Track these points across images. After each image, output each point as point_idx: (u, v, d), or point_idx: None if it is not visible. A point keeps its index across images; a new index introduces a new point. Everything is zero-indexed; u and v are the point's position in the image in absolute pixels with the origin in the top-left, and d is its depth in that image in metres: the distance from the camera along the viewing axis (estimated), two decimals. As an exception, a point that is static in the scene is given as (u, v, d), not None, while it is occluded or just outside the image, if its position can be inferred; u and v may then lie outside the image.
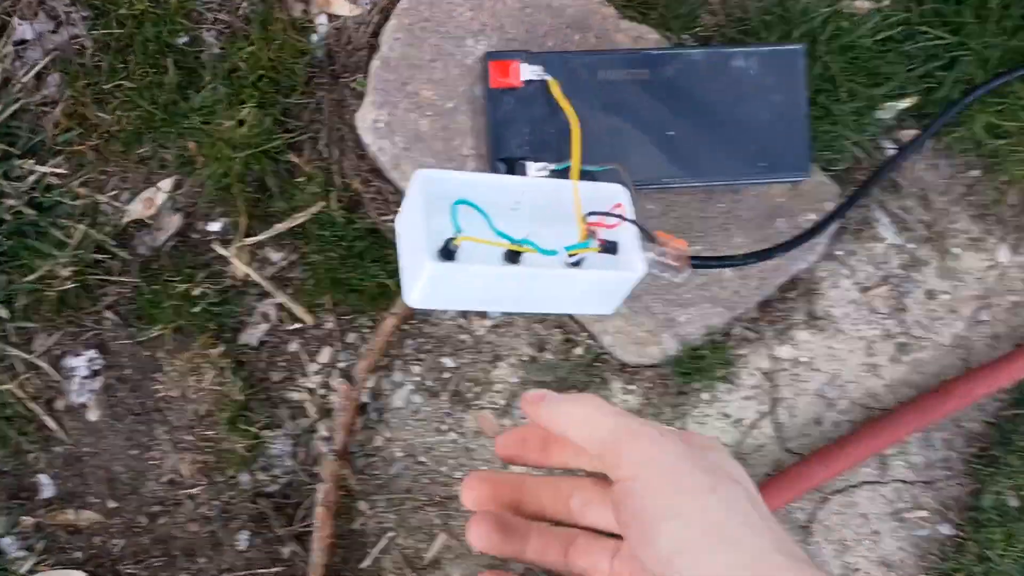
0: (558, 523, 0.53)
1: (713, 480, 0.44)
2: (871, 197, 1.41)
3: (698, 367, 1.38)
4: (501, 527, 0.51)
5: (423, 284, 1.02)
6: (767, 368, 1.43)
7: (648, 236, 1.09)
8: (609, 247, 1.06)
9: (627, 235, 1.07)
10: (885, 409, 1.45)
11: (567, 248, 1.06)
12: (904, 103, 1.38)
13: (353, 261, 1.31)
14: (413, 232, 1.04)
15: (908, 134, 1.40)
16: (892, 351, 1.45)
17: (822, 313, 1.43)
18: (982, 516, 1.47)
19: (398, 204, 1.33)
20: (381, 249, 1.32)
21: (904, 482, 1.47)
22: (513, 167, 1.09)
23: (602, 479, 0.50)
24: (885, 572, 1.48)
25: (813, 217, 1.35)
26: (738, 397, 1.43)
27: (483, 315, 1.38)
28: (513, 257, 1.04)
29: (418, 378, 1.37)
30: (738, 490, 0.45)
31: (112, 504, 1.32)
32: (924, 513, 1.48)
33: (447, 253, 1.01)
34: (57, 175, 1.27)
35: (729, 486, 0.44)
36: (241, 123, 1.27)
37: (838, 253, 1.42)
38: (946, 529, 1.48)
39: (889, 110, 1.38)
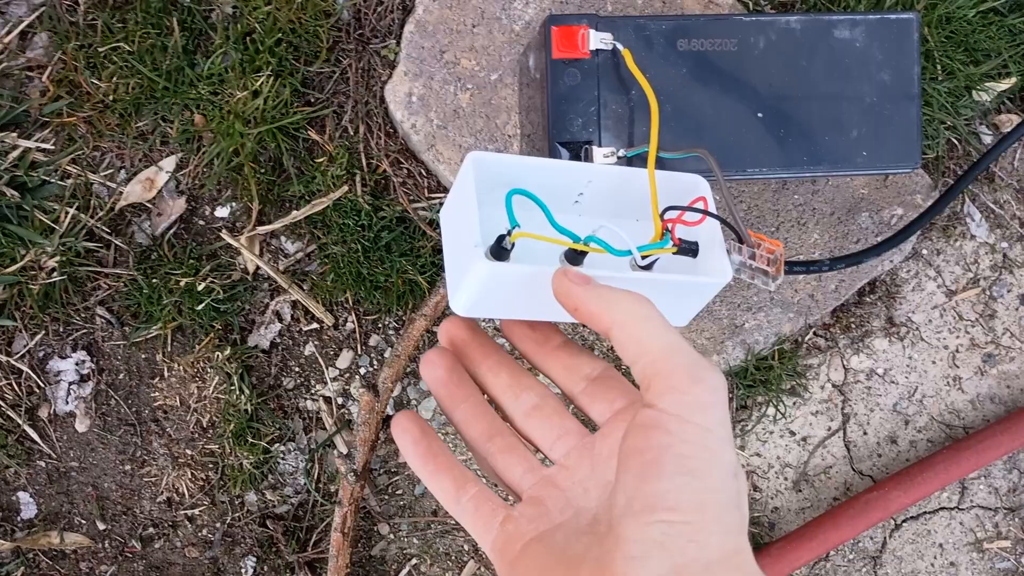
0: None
1: (737, 467, 0.42)
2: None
3: (764, 379, 1.23)
4: (453, 372, 0.52)
5: (473, 288, 0.83)
6: (839, 380, 1.27)
7: (738, 236, 0.91)
8: (688, 248, 0.88)
9: (709, 235, 0.89)
10: (967, 428, 1.30)
11: (640, 248, 0.88)
12: (1005, 84, 1.22)
13: (379, 254, 1.15)
14: (461, 225, 0.86)
15: (1007, 119, 1.24)
16: (978, 362, 1.29)
17: (903, 319, 1.27)
18: (1071, 547, 1.32)
19: (430, 188, 1.17)
20: (411, 240, 1.16)
21: (986, 508, 1.32)
22: (577, 152, 0.93)
23: (562, 403, 0.52)
24: (962, 607, 1.33)
25: (900, 212, 1.19)
26: (806, 412, 1.28)
27: (524, 317, 1.23)
28: (575, 258, 0.86)
29: (450, 387, 1.21)
30: (745, 493, 0.43)
31: (101, 526, 1.17)
32: (1007, 543, 1.33)
33: (499, 252, 0.83)
34: (43, 151, 1.11)
35: (744, 483, 0.42)
36: (255, 94, 1.11)
37: (923, 252, 1.26)
38: (1030, 561, 1.34)
39: (988, 91, 1.22)
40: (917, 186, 1.20)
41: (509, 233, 0.80)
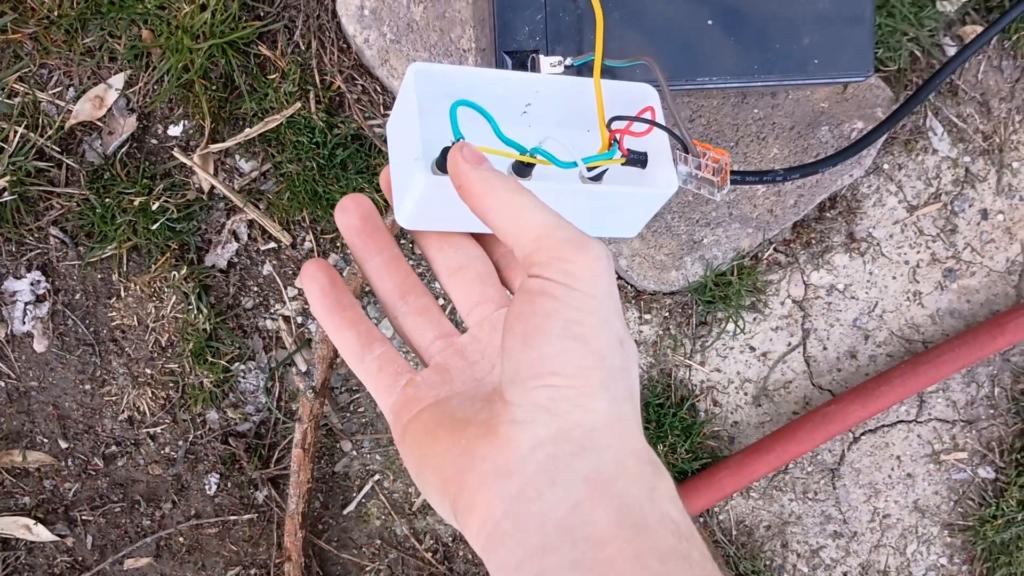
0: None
1: (625, 336, 0.41)
2: (925, 103, 1.25)
3: (724, 294, 1.23)
4: (369, 220, 0.50)
5: (416, 200, 0.83)
6: (799, 296, 1.28)
7: (683, 145, 0.90)
8: (636, 159, 0.88)
9: (657, 144, 0.88)
10: (927, 342, 1.31)
11: (586, 160, 0.87)
12: (968, -6, 1.20)
13: (334, 172, 1.14)
14: (405, 138, 0.85)
15: (971, 30, 1.22)
16: (938, 277, 1.30)
17: (863, 234, 1.27)
18: (1027, 459, 1.34)
19: (386, 104, 1.15)
20: (367, 157, 1.15)
21: (943, 421, 1.34)
22: (523, 62, 0.91)
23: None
24: (918, 518, 1.36)
25: (860, 125, 1.18)
26: (766, 328, 1.28)
27: (483, 234, 1.22)
28: (522, 170, 0.86)
29: (409, 305, 1.21)
30: (634, 362, 0.42)
31: (64, 444, 1.18)
32: (963, 455, 1.35)
33: (445, 164, 0.82)
34: (-12, 68, 1.09)
35: (633, 353, 0.42)
36: (203, 7, 1.09)
37: (885, 167, 1.26)
38: (986, 472, 1.36)
39: (952, 1, 1.20)
40: (878, 99, 1.19)
41: (454, 145, 0.79)
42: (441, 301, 1.12)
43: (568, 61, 0.92)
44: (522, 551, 0.37)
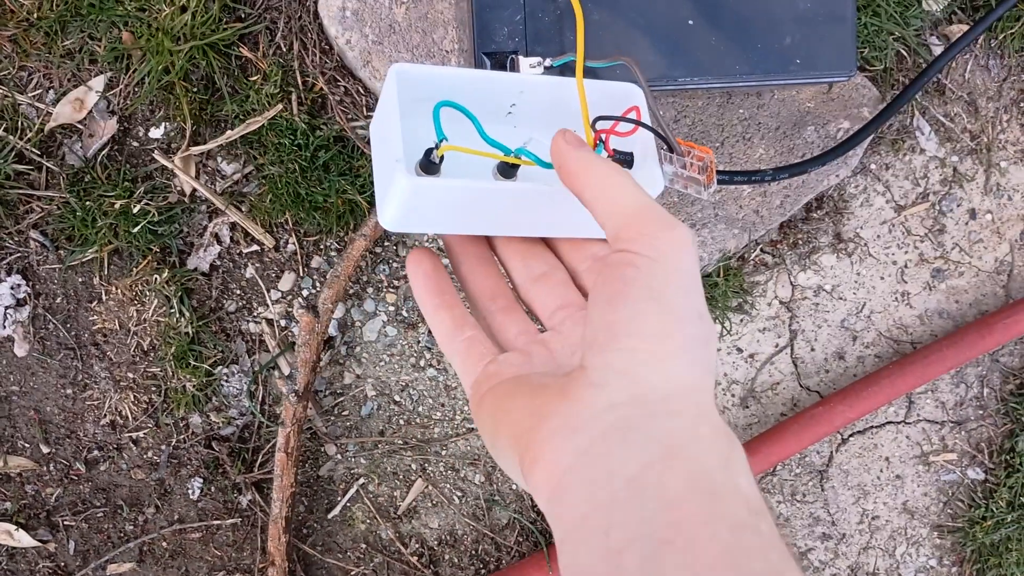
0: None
1: (705, 313, 0.42)
2: (912, 102, 1.24)
3: (709, 296, 1.22)
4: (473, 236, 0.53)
5: (399, 202, 0.82)
6: (786, 297, 1.27)
7: (668, 144, 0.89)
8: (623, 159, 0.87)
9: (643, 145, 0.87)
10: (915, 343, 1.30)
11: (570, 160, 0.86)
12: (955, -7, 1.20)
13: (317, 174, 1.13)
14: (387, 140, 0.84)
15: (957, 29, 1.22)
16: (926, 277, 1.29)
17: (851, 235, 1.26)
18: (1016, 460, 1.33)
19: (368, 106, 1.15)
20: (349, 159, 1.14)
21: (932, 422, 1.33)
22: (503, 63, 0.91)
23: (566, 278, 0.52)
24: (907, 520, 1.35)
25: (846, 125, 1.17)
26: (753, 329, 1.27)
27: (467, 236, 1.22)
28: (507, 171, 0.85)
29: (393, 308, 1.20)
30: (714, 339, 0.43)
31: (45, 449, 1.17)
32: (952, 456, 1.34)
33: (428, 166, 0.81)
34: (-33, 70, 1.08)
35: (713, 330, 0.42)
36: (183, 9, 1.08)
37: (872, 167, 1.25)
38: (976, 473, 1.35)
39: (938, 0, 1.19)
40: (864, 99, 1.18)
41: (437, 146, 0.78)
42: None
43: (548, 62, 0.91)
44: (588, 505, 0.37)
